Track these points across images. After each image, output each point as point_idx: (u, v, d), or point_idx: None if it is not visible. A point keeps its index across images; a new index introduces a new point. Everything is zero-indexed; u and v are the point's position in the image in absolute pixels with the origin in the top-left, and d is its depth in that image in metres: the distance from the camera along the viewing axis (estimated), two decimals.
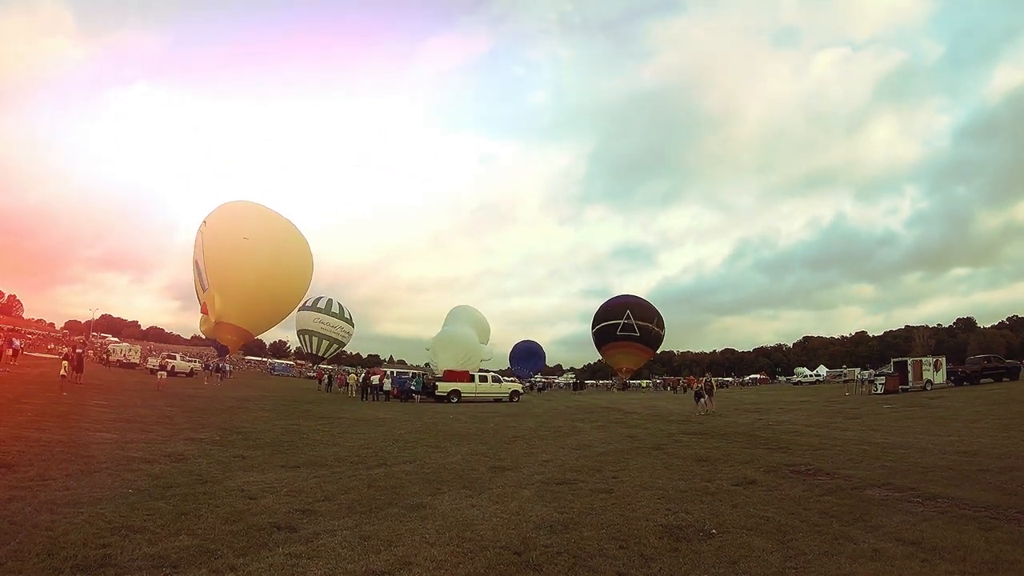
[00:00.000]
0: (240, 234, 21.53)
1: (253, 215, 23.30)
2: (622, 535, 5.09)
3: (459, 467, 8.79)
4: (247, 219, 22.81)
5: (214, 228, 21.93)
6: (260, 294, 22.38)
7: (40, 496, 5.48)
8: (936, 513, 5.75)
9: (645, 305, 51.93)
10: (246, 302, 21.68)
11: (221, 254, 21.14)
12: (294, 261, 24.05)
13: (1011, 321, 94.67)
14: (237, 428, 12.46)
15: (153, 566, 3.96)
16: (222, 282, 20.99)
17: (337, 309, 48.08)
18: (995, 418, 14.27)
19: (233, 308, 21.32)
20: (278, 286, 23.32)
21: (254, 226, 22.38)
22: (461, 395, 28.39)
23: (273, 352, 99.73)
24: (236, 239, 21.31)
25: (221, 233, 21.52)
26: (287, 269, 23.49)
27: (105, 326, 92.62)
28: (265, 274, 21.87)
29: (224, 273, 20.99)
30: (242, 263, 21.16)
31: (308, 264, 25.12)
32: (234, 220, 22.52)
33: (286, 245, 23.25)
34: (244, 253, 21.23)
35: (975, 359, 32.95)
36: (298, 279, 25.40)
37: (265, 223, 23.09)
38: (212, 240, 21.61)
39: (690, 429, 14.87)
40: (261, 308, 23.40)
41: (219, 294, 21.05)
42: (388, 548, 4.58)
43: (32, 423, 10.27)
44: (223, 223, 22.20)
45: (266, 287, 22.37)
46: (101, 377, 26.11)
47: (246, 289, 21.42)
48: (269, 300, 23.70)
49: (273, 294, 23.59)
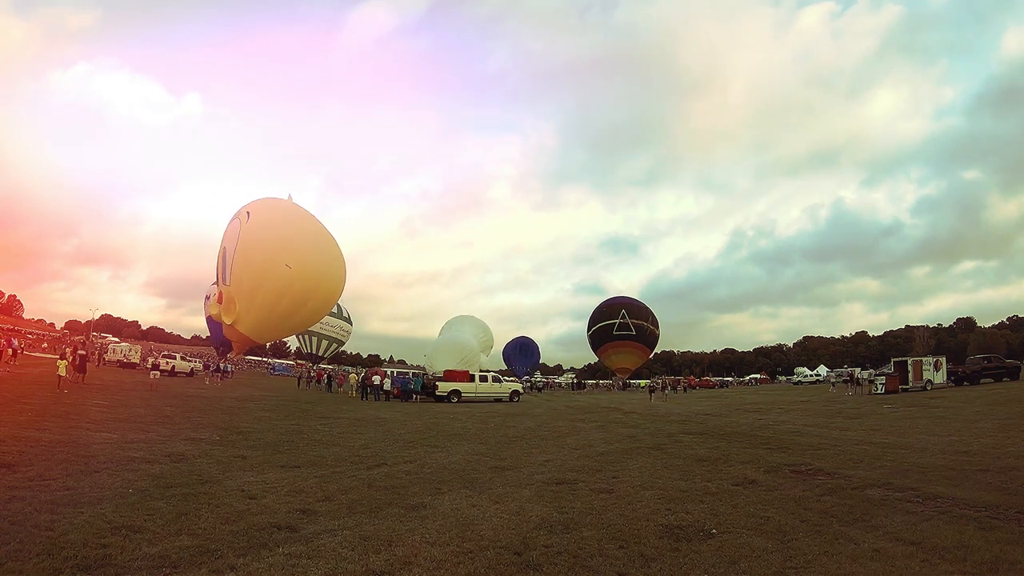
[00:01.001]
0: (284, 257, 20.20)
1: (301, 230, 21.52)
2: (622, 535, 5.09)
3: (459, 467, 8.79)
4: (293, 234, 21.12)
5: (256, 233, 20.55)
6: (285, 319, 21.71)
7: (40, 496, 5.48)
8: (936, 513, 5.75)
9: (639, 305, 52.09)
10: (267, 321, 21.04)
11: (258, 269, 19.94)
12: (328, 291, 22.87)
13: (1011, 321, 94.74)
14: (237, 428, 12.47)
15: (153, 566, 3.96)
16: (250, 295, 20.19)
17: (336, 308, 48.10)
18: (995, 418, 14.26)
19: (251, 321, 20.70)
20: (305, 314, 22.53)
21: (299, 248, 20.83)
22: (461, 395, 28.40)
23: (273, 352, 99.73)
24: (278, 261, 20.04)
25: (263, 245, 20.19)
26: (319, 299, 22.36)
27: (105, 326, 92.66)
28: (297, 303, 21.01)
29: (255, 289, 20.02)
30: (279, 289, 20.09)
31: (341, 286, 23.64)
32: (279, 232, 20.92)
33: (327, 270, 21.89)
34: (282, 279, 20.12)
35: (975, 359, 32.96)
36: (325, 307, 24.45)
37: (311, 244, 21.52)
38: (251, 246, 20.24)
39: (690, 429, 14.87)
40: (279, 327, 22.90)
41: (241, 303, 20.28)
42: (388, 548, 4.58)
43: (32, 423, 10.27)
44: (267, 231, 20.71)
45: (292, 314, 21.66)
46: (101, 377, 26.10)
47: (273, 312, 20.63)
48: (291, 326, 23.27)
49: (297, 322, 23.16)
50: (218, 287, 22.29)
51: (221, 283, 21.94)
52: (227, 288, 21.08)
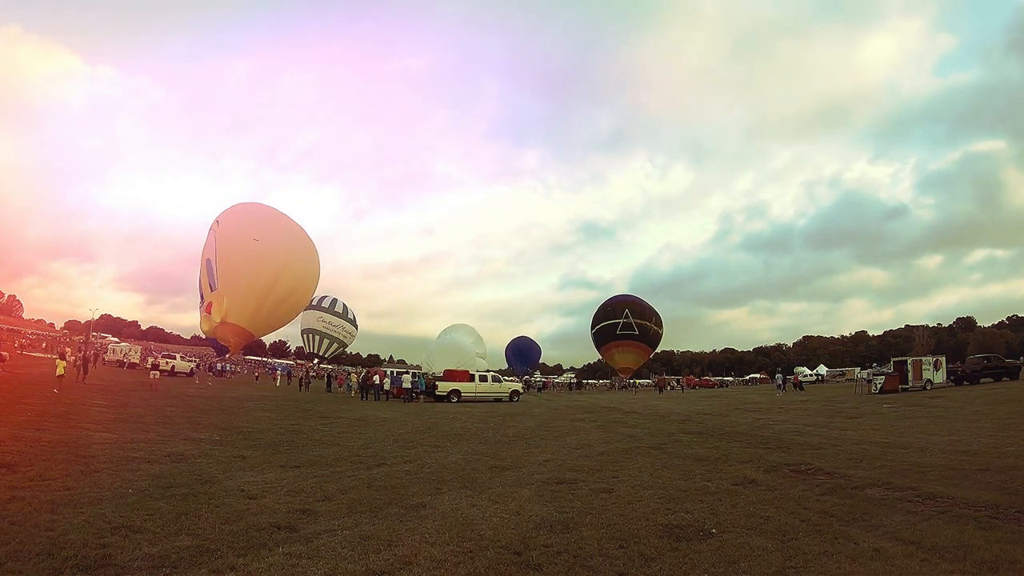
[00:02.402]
0: (251, 235, 21.76)
1: (264, 217, 23.82)
2: (622, 535, 5.09)
3: (459, 467, 8.79)
4: (258, 221, 23.23)
5: (226, 228, 22.24)
6: (268, 296, 22.71)
7: (40, 496, 5.48)
8: (936, 512, 5.75)
9: (643, 304, 52.15)
10: (253, 304, 21.97)
11: (232, 255, 21.46)
12: (302, 265, 24.49)
13: (1011, 320, 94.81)
14: (237, 428, 12.47)
15: (153, 566, 3.96)
16: (231, 282, 21.24)
17: (341, 309, 48.12)
18: (995, 418, 14.27)
19: (239, 309, 21.57)
20: (285, 289, 23.65)
21: (265, 228, 22.78)
22: (461, 395, 28.40)
23: (273, 352, 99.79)
24: (246, 240, 21.66)
25: (233, 234, 21.92)
26: (295, 272, 23.93)
27: (105, 326, 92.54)
28: (273, 276, 22.21)
29: (233, 274, 21.29)
30: (251, 264, 21.56)
31: (315, 268, 25.58)
32: (246, 220, 23.02)
33: (295, 248, 23.67)
34: (253, 254, 21.61)
35: (975, 359, 32.96)
36: (305, 282, 25.85)
37: (276, 226, 23.61)
38: (224, 240, 21.89)
39: (690, 429, 14.87)
40: (267, 310, 23.71)
41: (227, 295, 21.27)
42: (388, 548, 4.58)
43: (32, 423, 10.27)
44: (235, 224, 22.65)
45: (274, 290, 22.70)
46: (101, 377, 26.10)
47: (254, 291, 21.77)
48: (276, 303, 23.97)
49: (280, 297, 23.89)
50: (206, 300, 22.87)
51: (208, 291, 22.48)
52: (216, 293, 21.73)
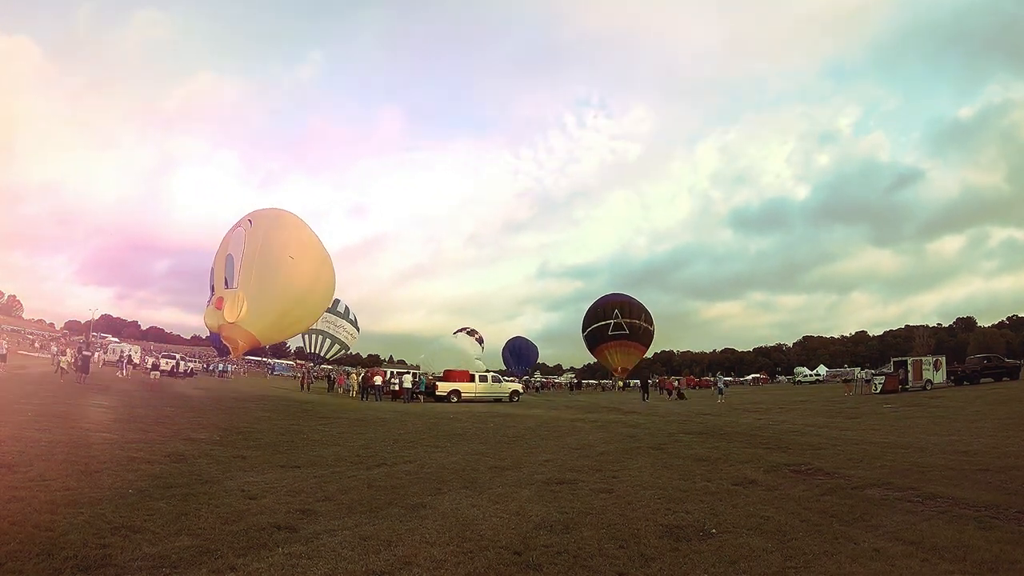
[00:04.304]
0: (287, 250, 21.93)
1: (301, 236, 23.67)
2: (622, 535, 5.09)
3: (459, 467, 8.78)
4: (296, 238, 23.18)
5: (261, 234, 22.16)
6: (288, 314, 22.89)
7: (40, 496, 5.47)
8: (936, 513, 5.75)
9: (632, 303, 52.03)
10: (273, 317, 22.07)
11: (263, 266, 21.54)
12: (327, 290, 24.86)
13: (1011, 320, 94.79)
14: (237, 428, 12.46)
15: (153, 566, 3.96)
16: (258, 292, 21.29)
17: (343, 309, 48.02)
18: (995, 418, 14.27)
19: (257, 318, 21.60)
20: (306, 311, 24.00)
21: (301, 247, 22.78)
22: (461, 395, 28.39)
23: (273, 352, 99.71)
24: (282, 254, 21.75)
25: (269, 244, 21.81)
26: (318, 296, 24.27)
27: (105, 326, 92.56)
28: (299, 298, 22.48)
29: (259, 281, 21.31)
30: (281, 279, 21.71)
31: (332, 291, 25.93)
32: (283, 233, 22.80)
33: (321, 272, 23.97)
34: (284, 270, 21.76)
35: (975, 359, 32.96)
36: (322, 305, 26.37)
37: (311, 248, 23.55)
38: (255, 245, 21.86)
39: (690, 429, 14.87)
40: (283, 326, 23.94)
41: (248, 301, 21.30)
42: (388, 548, 4.58)
43: (32, 423, 10.26)
44: (270, 232, 22.43)
45: (295, 309, 22.91)
46: (101, 377, 26.10)
47: (275, 307, 21.88)
48: (294, 320, 24.21)
49: (298, 316, 24.16)
50: (216, 294, 22.78)
51: (222, 287, 22.39)
52: (233, 292, 21.71)
